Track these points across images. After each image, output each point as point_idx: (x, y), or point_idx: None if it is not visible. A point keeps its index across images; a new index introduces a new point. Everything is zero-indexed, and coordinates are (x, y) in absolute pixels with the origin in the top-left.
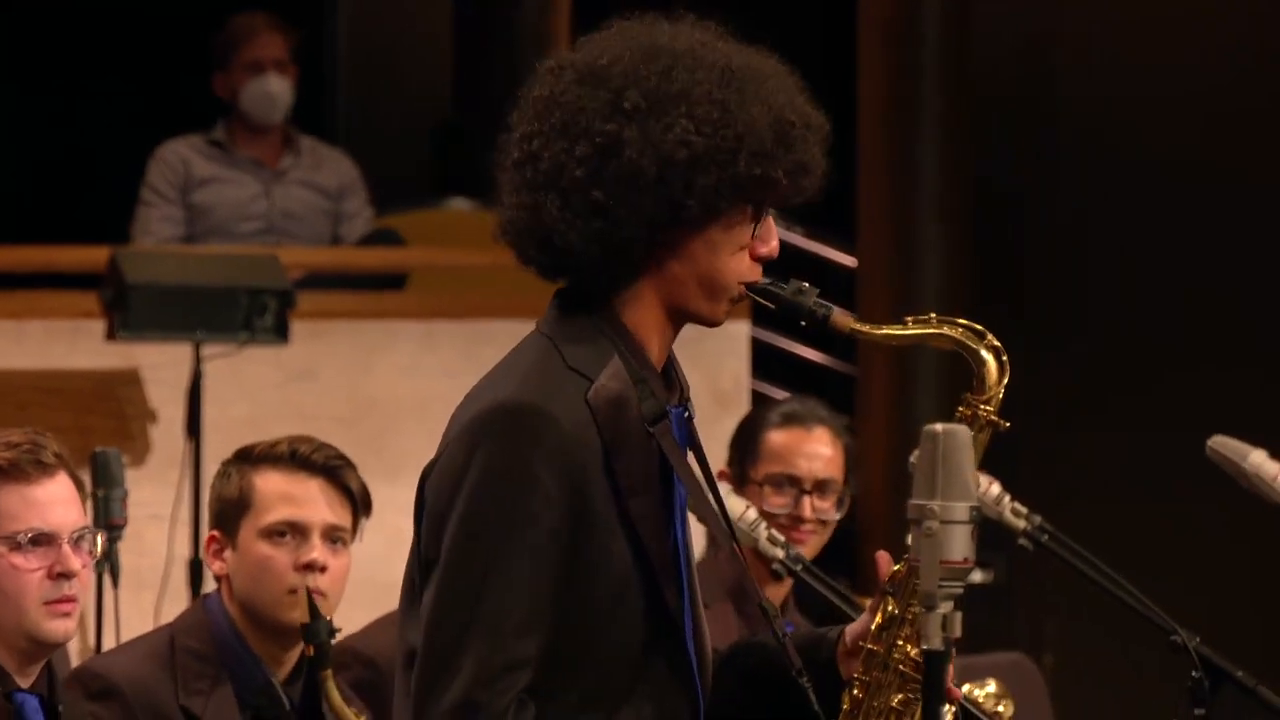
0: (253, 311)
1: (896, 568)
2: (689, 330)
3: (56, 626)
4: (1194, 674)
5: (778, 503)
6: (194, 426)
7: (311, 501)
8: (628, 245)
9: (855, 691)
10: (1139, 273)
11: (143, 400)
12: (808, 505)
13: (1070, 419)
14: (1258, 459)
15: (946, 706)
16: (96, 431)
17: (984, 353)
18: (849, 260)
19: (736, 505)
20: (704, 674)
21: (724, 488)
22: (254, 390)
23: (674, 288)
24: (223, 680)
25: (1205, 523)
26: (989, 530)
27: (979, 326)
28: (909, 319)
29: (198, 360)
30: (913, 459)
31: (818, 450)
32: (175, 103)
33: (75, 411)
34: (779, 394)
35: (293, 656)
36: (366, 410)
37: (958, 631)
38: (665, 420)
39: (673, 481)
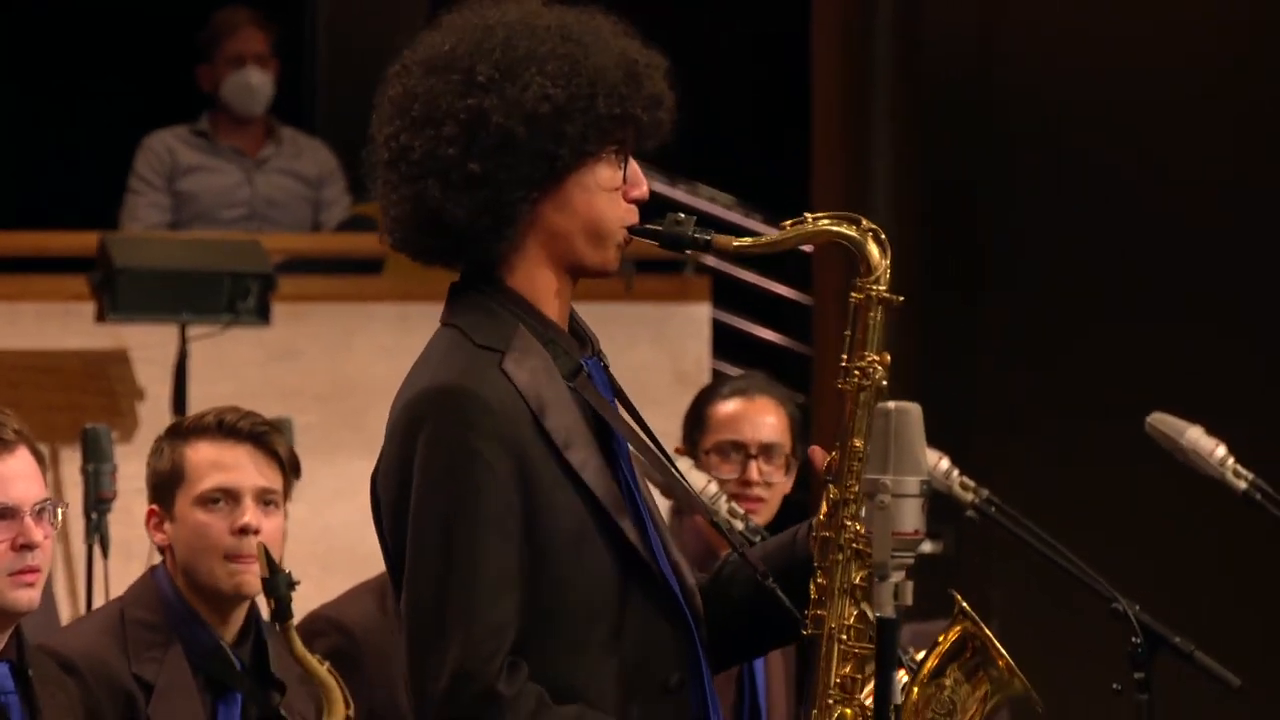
0: (236, 294)
1: (831, 455)
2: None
3: (20, 596)
4: (1133, 639)
5: (726, 470)
6: (180, 404)
7: (241, 467)
8: (512, 206)
9: (819, 579)
10: (1083, 256)
11: (131, 379)
12: (754, 469)
13: (1017, 397)
14: (1194, 435)
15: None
16: (87, 409)
17: (862, 237)
18: (806, 247)
19: (698, 479)
20: (691, 598)
21: (685, 463)
22: (237, 369)
23: (561, 243)
24: (174, 647)
25: (1146, 496)
26: (938, 503)
27: (852, 214)
28: (786, 224)
29: (183, 341)
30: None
31: (762, 418)
32: (162, 95)
33: (67, 390)
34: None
35: (238, 618)
36: (345, 388)
37: (909, 599)
38: (583, 373)
39: (608, 428)
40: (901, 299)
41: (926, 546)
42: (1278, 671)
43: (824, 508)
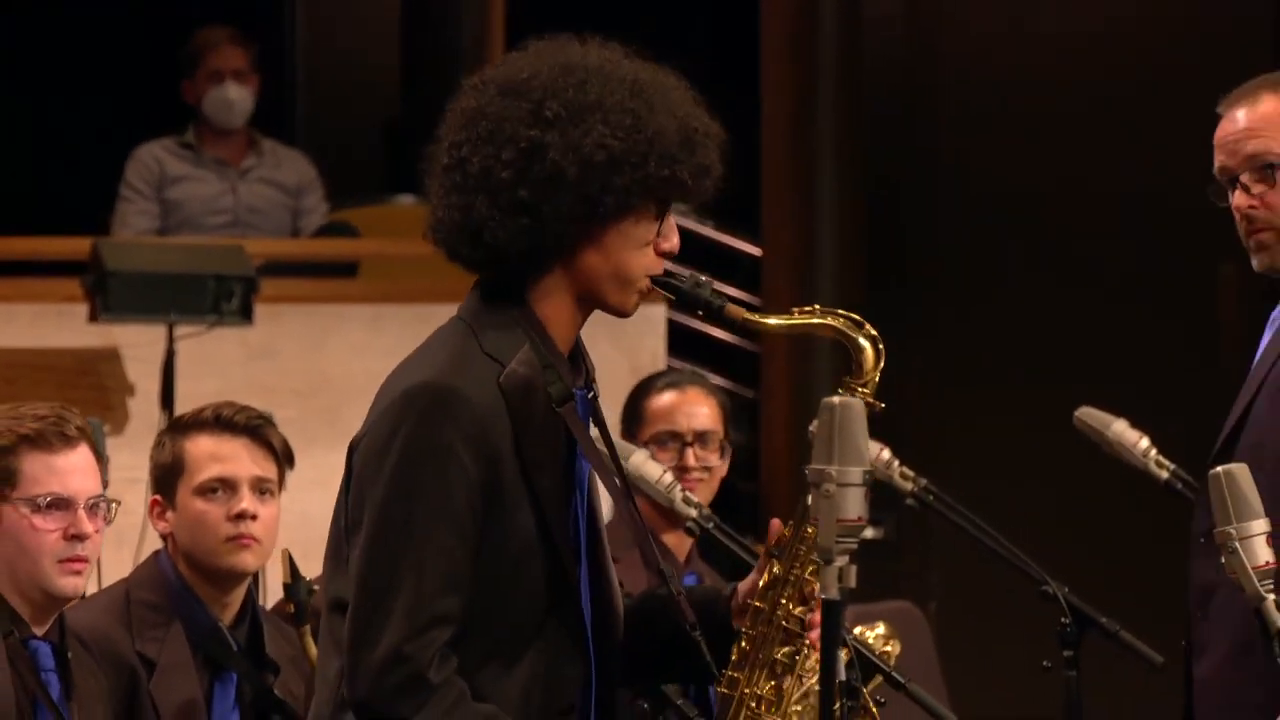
0: (220, 296)
1: (783, 531)
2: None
3: (68, 583)
4: (1063, 620)
5: (664, 458)
6: (168, 399)
7: (237, 458)
8: (550, 239)
9: (743, 644)
10: (1015, 257)
11: (121, 375)
12: (690, 455)
13: (954, 389)
14: (1119, 428)
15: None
16: (80, 404)
17: (861, 340)
18: (755, 250)
19: (654, 470)
20: (605, 635)
21: (642, 454)
22: (221, 366)
23: (588, 280)
24: (175, 627)
25: (1074, 485)
26: (880, 491)
27: (857, 317)
28: (795, 310)
29: (171, 340)
30: (812, 428)
31: (695, 408)
32: (150, 107)
33: (60, 386)
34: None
35: (236, 600)
36: (321, 385)
37: (853, 582)
38: (571, 401)
39: (576, 457)
40: (883, 406)
41: (869, 532)
42: (1188, 635)
43: (765, 578)
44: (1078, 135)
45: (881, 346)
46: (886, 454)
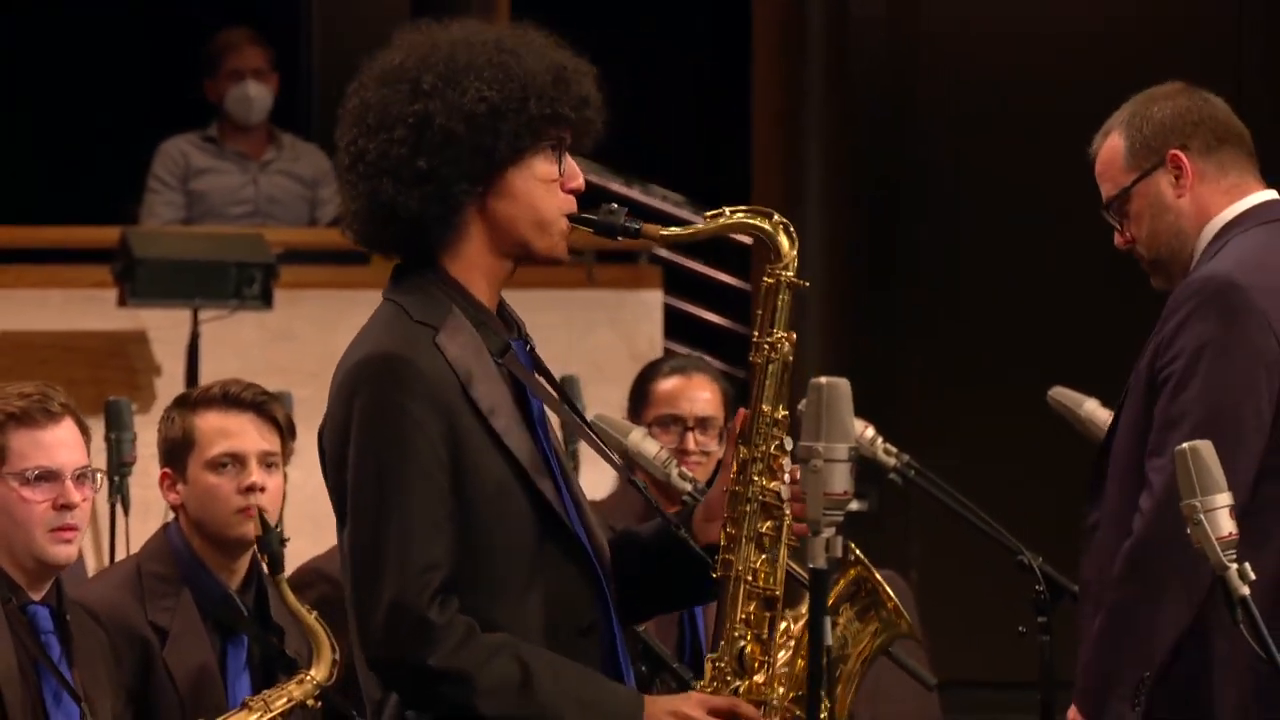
0: (242, 282)
1: (745, 415)
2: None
3: (59, 551)
4: (1037, 588)
5: (666, 440)
6: (192, 379)
7: (245, 433)
8: (457, 197)
9: (728, 529)
10: (999, 252)
11: (149, 357)
12: (691, 440)
13: (936, 373)
14: (1091, 407)
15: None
16: (109, 384)
17: (773, 229)
18: (745, 238)
19: (651, 447)
20: (600, 551)
21: (640, 432)
22: (242, 348)
23: (506, 229)
24: (185, 596)
25: (1048, 460)
26: (865, 467)
27: (765, 209)
28: (707, 214)
29: (195, 323)
30: (801, 407)
31: (698, 394)
32: (175, 103)
33: (91, 367)
34: (691, 352)
35: (242, 567)
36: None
37: (839, 552)
38: (510, 351)
39: (527, 401)
40: (806, 283)
41: (854, 505)
42: None
43: (734, 466)
44: (1064, 132)
45: (793, 231)
46: (871, 431)
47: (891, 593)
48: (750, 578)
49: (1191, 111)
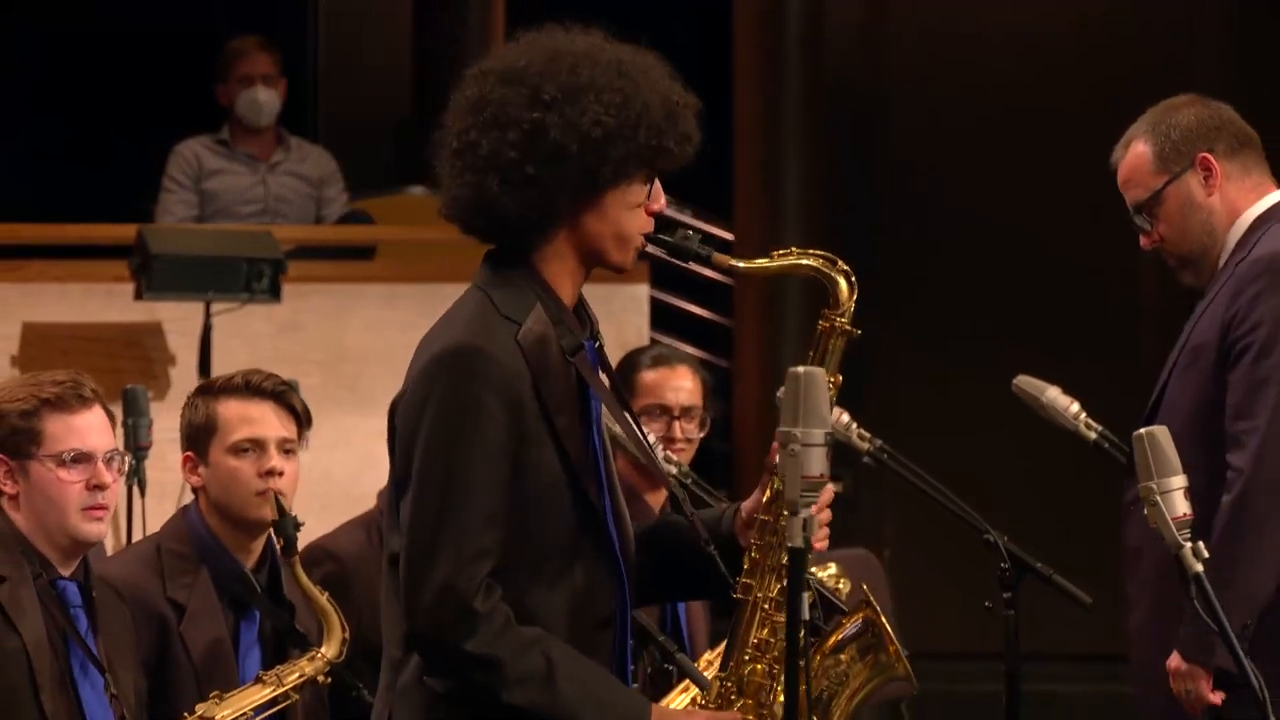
0: (252, 276)
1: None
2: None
3: (91, 528)
4: (1002, 565)
5: (653, 428)
6: (205, 368)
7: (265, 421)
8: (556, 208)
9: (753, 554)
10: (962, 241)
11: (164, 347)
12: (677, 428)
13: (910, 362)
14: (1053, 394)
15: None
16: (127, 372)
17: (836, 275)
18: (728, 234)
19: None
20: (626, 551)
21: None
22: (252, 339)
23: (591, 242)
24: (203, 574)
25: (1014, 444)
26: (840, 450)
27: (831, 255)
28: (775, 252)
29: (208, 315)
30: (780, 395)
31: (681, 384)
32: (188, 107)
33: (110, 356)
34: (674, 342)
35: (258, 547)
36: (341, 355)
37: (814, 531)
38: (581, 351)
39: (589, 400)
40: (859, 332)
41: (830, 487)
42: (1121, 591)
43: (767, 494)
44: (1018, 133)
45: (854, 280)
46: (845, 417)
47: (896, 639)
48: (766, 605)
49: (1213, 117)
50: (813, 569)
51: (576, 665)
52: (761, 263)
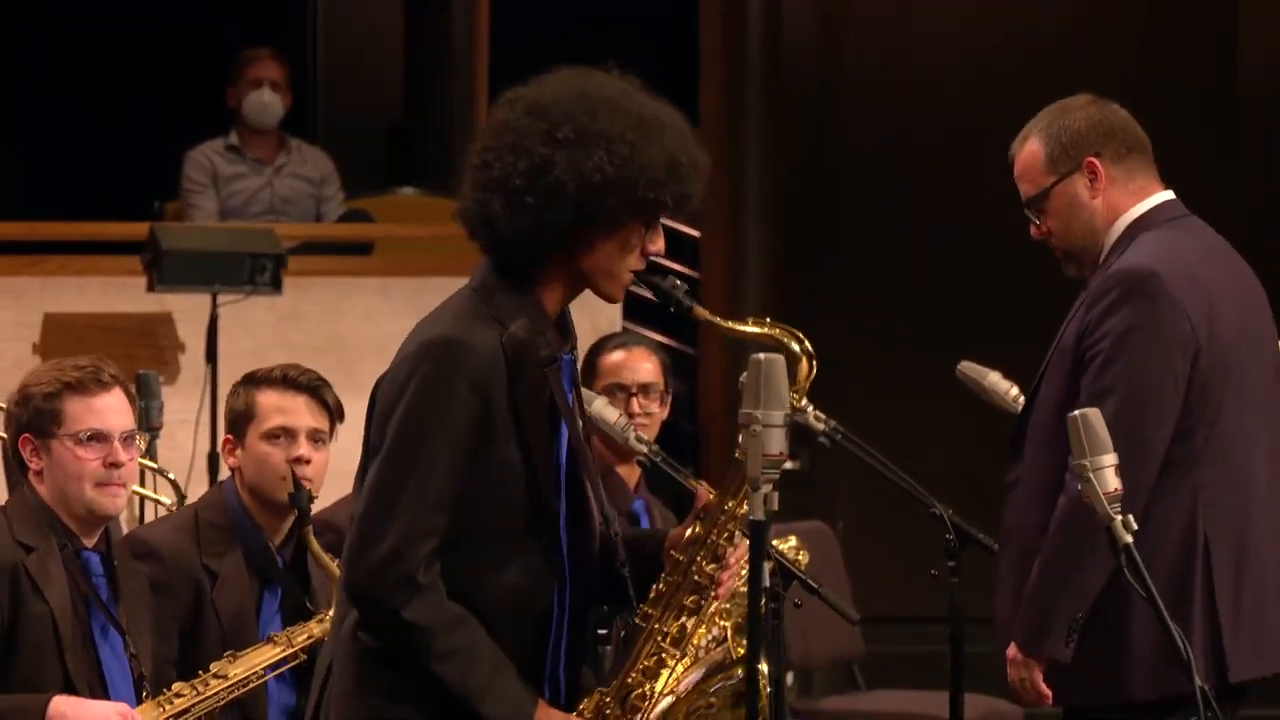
0: (255, 270)
1: (711, 497)
2: None
3: (107, 502)
4: (947, 536)
5: (615, 404)
6: (211, 355)
7: (298, 412)
8: (549, 239)
9: (661, 586)
10: (912, 236)
11: (174, 336)
12: (635, 404)
13: (861, 346)
14: (994, 379)
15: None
16: (140, 359)
17: (798, 352)
18: (694, 231)
19: (611, 414)
20: (582, 556)
21: (602, 400)
22: (255, 329)
23: (582, 273)
24: (234, 545)
25: (957, 424)
26: (797, 431)
27: (799, 333)
28: (751, 319)
29: (214, 306)
30: (742, 379)
31: (639, 364)
32: (197, 112)
33: (124, 344)
34: (646, 331)
35: (285, 526)
36: (339, 345)
37: (775, 506)
38: (555, 364)
39: (558, 408)
40: (811, 407)
41: (788, 464)
42: None
43: (687, 535)
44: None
45: (815, 361)
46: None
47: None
48: (660, 638)
49: (1104, 123)
50: (774, 541)
51: (490, 653)
52: (734, 324)
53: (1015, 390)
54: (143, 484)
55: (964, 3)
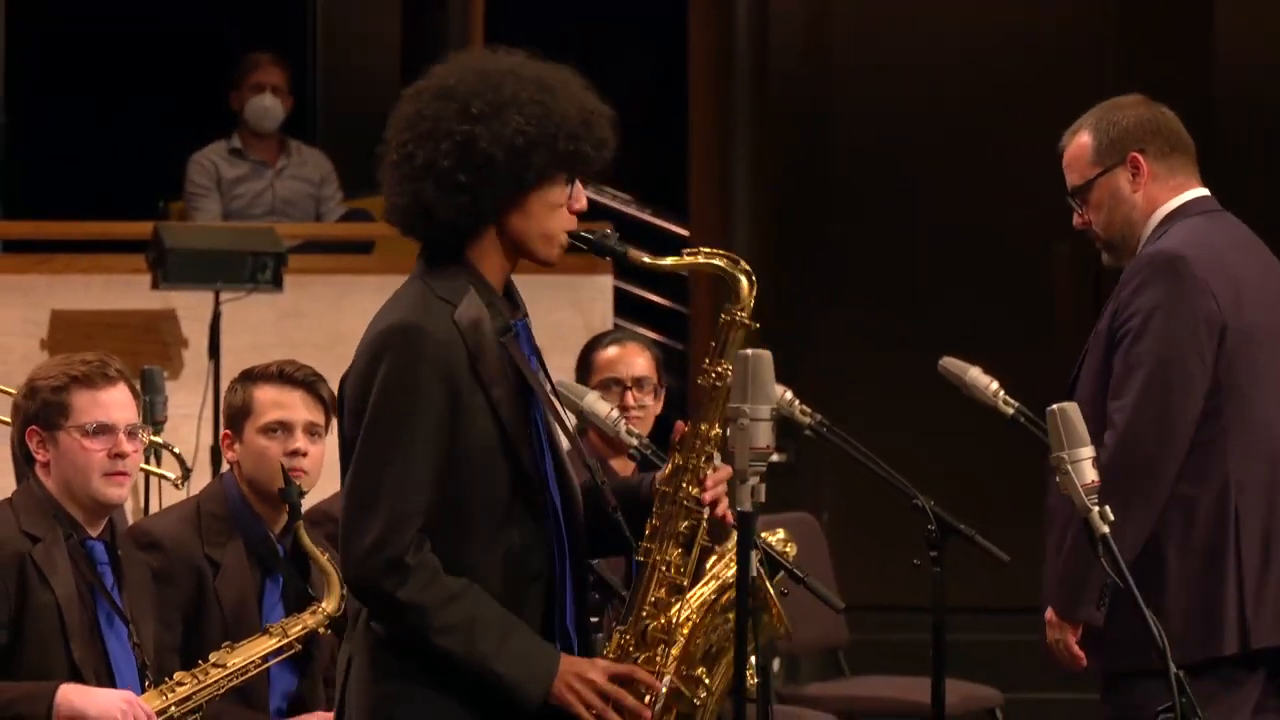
0: (257, 268)
1: (684, 428)
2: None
3: (112, 492)
4: (929, 527)
5: (610, 399)
6: (214, 351)
7: (295, 406)
8: (486, 210)
9: (654, 522)
10: (896, 236)
11: (178, 332)
12: (630, 397)
13: (848, 344)
14: (975, 374)
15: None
16: (144, 355)
17: (738, 274)
18: (684, 230)
19: (603, 408)
20: (571, 513)
21: (594, 394)
22: (257, 326)
23: (518, 238)
24: (235, 535)
25: (939, 418)
26: (784, 424)
27: (734, 255)
28: (684, 251)
29: (217, 304)
30: (730, 374)
31: (633, 359)
32: (199, 115)
33: (129, 340)
34: (637, 328)
35: (283, 517)
36: (338, 341)
37: (762, 497)
38: (511, 332)
39: (522, 374)
40: (756, 325)
41: (775, 457)
42: (1036, 550)
43: (669, 469)
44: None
45: (754, 279)
46: (789, 394)
47: (777, 600)
48: (664, 568)
49: (1151, 121)
50: (763, 533)
51: (496, 617)
52: (670, 260)
53: (995, 385)
54: (147, 477)
55: (951, 2)
